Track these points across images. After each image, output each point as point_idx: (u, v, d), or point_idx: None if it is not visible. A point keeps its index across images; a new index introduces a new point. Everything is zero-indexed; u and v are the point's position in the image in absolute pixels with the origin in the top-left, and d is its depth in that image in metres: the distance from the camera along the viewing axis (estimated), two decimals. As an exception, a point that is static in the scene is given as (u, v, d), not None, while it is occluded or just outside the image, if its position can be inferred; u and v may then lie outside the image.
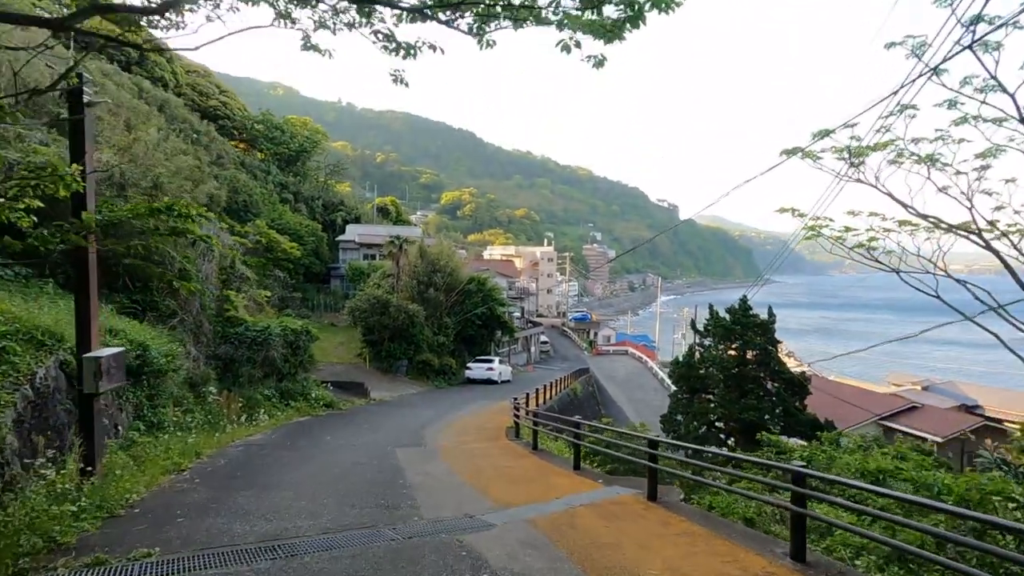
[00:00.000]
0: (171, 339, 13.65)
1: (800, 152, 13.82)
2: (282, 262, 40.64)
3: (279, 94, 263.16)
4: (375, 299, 28.88)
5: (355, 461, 10.24)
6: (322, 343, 33.98)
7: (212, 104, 62.44)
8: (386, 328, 29.07)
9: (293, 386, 17.35)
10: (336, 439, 12.80)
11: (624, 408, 49.41)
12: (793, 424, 22.82)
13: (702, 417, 24.85)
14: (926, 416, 38.95)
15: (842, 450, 11.74)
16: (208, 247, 17.59)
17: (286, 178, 61.00)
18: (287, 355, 17.47)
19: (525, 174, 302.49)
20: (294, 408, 16.43)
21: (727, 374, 23.89)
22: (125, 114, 28.48)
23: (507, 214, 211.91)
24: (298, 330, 17.97)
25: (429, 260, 33.92)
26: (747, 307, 25.04)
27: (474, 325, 34.59)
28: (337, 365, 28.92)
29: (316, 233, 50.48)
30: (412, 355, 29.80)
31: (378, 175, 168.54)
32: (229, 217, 40.85)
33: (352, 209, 66.81)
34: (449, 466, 9.93)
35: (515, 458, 10.67)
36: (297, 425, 14.74)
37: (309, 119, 73.76)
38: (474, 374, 31.81)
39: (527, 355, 57.49)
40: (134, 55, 51.44)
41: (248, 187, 46.59)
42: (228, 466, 9.41)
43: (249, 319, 17.29)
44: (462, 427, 15.89)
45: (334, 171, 73.26)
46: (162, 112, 44.50)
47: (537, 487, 8.12)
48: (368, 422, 15.94)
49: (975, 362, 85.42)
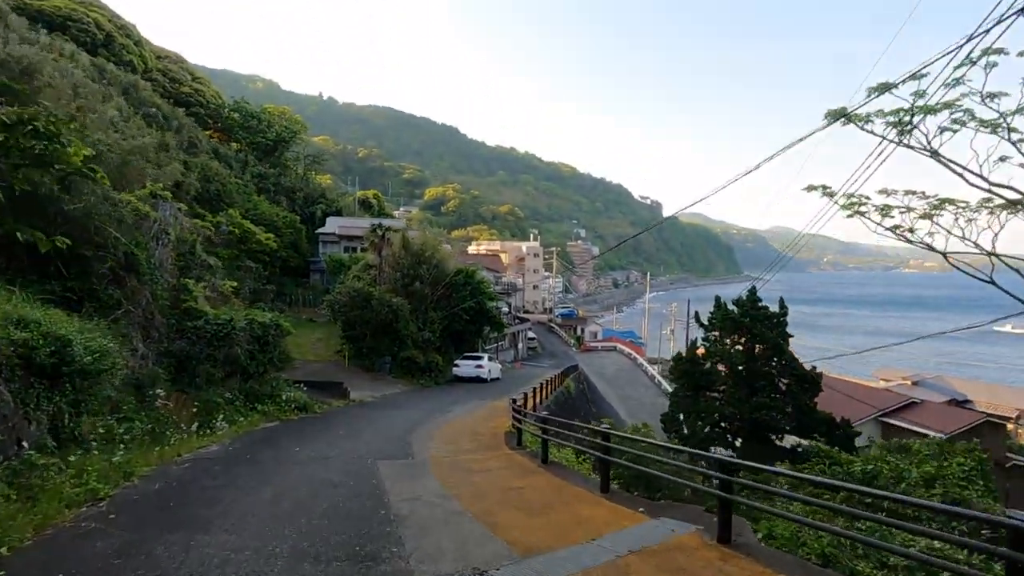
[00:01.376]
0: (111, 333, 11.57)
1: (844, 117, 12.13)
2: (257, 254, 38.44)
3: (258, 87, 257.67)
4: (356, 292, 26.78)
5: (326, 480, 8.30)
6: (299, 339, 31.81)
7: (184, 91, 59.79)
8: (368, 323, 27.01)
9: (261, 387, 15.28)
10: (306, 450, 10.83)
11: (615, 406, 47.98)
12: (807, 424, 21.28)
13: (708, 416, 23.21)
14: (926, 412, 37.88)
15: (909, 458, 10.08)
16: (163, 229, 15.50)
17: (264, 169, 58.40)
18: (254, 352, 15.40)
19: (509, 170, 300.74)
20: (261, 412, 14.38)
21: (736, 370, 22.29)
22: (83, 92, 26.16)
23: (491, 210, 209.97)
24: (267, 323, 15.90)
25: (414, 252, 31.87)
26: (756, 299, 23.44)
27: (462, 320, 32.61)
28: (315, 363, 26.85)
29: (294, 225, 48.13)
30: (396, 352, 27.76)
31: (360, 170, 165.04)
32: (201, 206, 38.59)
33: (333, 202, 64.45)
34: (443, 486, 8.04)
35: (523, 474, 8.80)
36: (263, 433, 12.71)
37: (287, 108, 71.01)
38: (462, 372, 29.87)
39: (514, 352, 55.77)
40: (100, 36, 48.79)
41: (221, 175, 44.09)
42: (163, 492, 7.42)
43: (210, 311, 15.20)
44: (454, 432, 13.99)
45: (314, 162, 70.66)
46: (127, 95, 41.95)
47: (562, 519, 6.26)
48: (346, 427, 13.96)
49: (948, 356, 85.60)
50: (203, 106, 60.54)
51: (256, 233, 39.28)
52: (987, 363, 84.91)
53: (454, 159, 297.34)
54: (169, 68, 61.95)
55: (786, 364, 22.10)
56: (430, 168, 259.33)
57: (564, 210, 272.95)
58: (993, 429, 37.67)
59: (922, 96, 10.78)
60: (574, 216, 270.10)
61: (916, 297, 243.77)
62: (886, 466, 9.23)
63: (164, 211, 15.97)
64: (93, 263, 12.80)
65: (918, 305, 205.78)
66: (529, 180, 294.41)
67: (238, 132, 60.84)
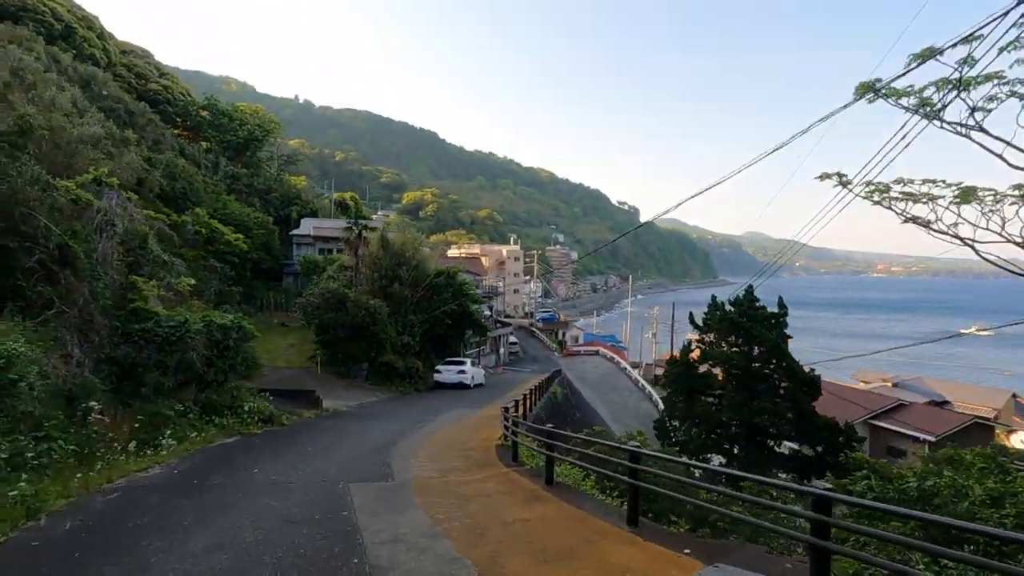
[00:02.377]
0: (38, 337, 9.86)
1: (874, 91, 10.98)
2: (225, 256, 36.44)
3: (232, 89, 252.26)
4: (330, 293, 25.04)
5: (285, 515, 6.73)
6: (269, 345, 29.90)
7: (151, 87, 57.37)
8: (343, 326, 25.27)
9: (219, 397, 13.55)
10: (267, 471, 9.21)
11: (599, 410, 46.85)
12: (808, 429, 20.19)
13: (704, 422, 22.01)
14: (914, 414, 37.37)
15: (965, 470, 8.83)
16: (108, 220, 13.72)
17: (235, 169, 56.12)
18: (212, 358, 13.67)
19: (488, 175, 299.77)
20: (219, 426, 12.66)
21: (733, 373, 21.13)
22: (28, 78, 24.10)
23: (470, 215, 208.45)
24: (227, 326, 14.18)
25: (393, 252, 30.22)
26: (753, 298, 22.36)
27: (443, 324, 31.01)
28: (285, 370, 25.03)
29: (267, 226, 45.98)
30: (373, 357, 26.05)
31: (337, 174, 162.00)
32: (166, 204, 36.61)
33: (308, 203, 62.33)
34: (431, 519, 6.54)
35: (527, 500, 7.31)
36: (218, 450, 11.02)
37: (260, 107, 68.65)
38: (444, 378, 28.26)
39: (496, 357, 54.30)
40: (58, 27, 46.35)
41: (188, 173, 41.87)
42: (72, 535, 5.79)
43: (163, 312, 13.45)
44: (439, 446, 12.45)
45: (288, 162, 68.36)
46: (87, 89, 39.64)
47: (589, 570, 4.81)
48: (316, 442, 12.32)
49: (916, 357, 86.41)
50: (171, 103, 58.14)
51: (225, 233, 37.25)
52: (955, 364, 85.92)
53: (433, 164, 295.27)
54: (135, 64, 59.48)
55: (786, 367, 21.02)
56: (408, 173, 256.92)
57: (543, 215, 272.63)
58: (981, 431, 37.28)
59: (970, 65, 9.65)
60: (553, 221, 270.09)
61: (885, 300, 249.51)
62: (942, 481, 7.98)
63: (110, 200, 14.18)
64: (18, 256, 11.05)
65: (887, 308, 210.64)
66: (508, 185, 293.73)
67: (208, 131, 58.50)
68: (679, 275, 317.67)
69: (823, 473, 21.16)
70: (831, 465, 20.66)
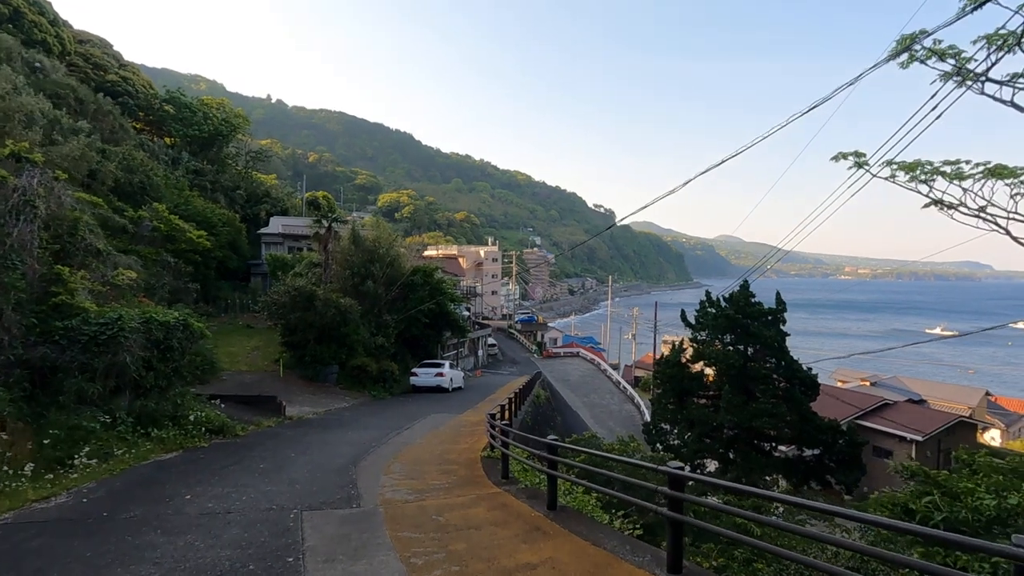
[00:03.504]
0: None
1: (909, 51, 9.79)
2: (187, 254, 34.19)
3: (201, 88, 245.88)
4: (297, 291, 23.11)
5: (210, 566, 5.04)
6: (232, 347, 27.80)
7: (110, 79, 54.54)
8: (311, 327, 23.38)
9: (159, 406, 11.65)
10: (203, 497, 7.46)
11: (581, 413, 45.65)
12: (809, 432, 19.02)
13: (699, 425, 20.70)
14: (901, 414, 36.72)
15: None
16: (27, 201, 11.78)
17: (200, 164, 53.52)
18: (151, 360, 11.79)
19: (464, 178, 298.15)
20: (156, 439, 10.79)
21: (730, 373, 19.87)
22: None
23: (446, 217, 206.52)
24: (171, 324, 12.30)
25: (365, 248, 28.39)
26: (749, 294, 21.16)
27: (419, 324, 29.27)
28: (248, 374, 23.05)
29: (233, 224, 43.63)
30: (344, 359, 24.19)
31: (311, 175, 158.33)
32: (122, 199, 34.31)
33: (279, 201, 59.95)
34: (405, 567, 4.93)
35: (527, 535, 5.69)
36: (149, 470, 9.17)
37: (227, 100, 65.87)
38: (420, 381, 26.50)
39: (474, 359, 52.68)
40: (5, 11, 43.55)
41: (147, 167, 39.37)
42: None
43: (92, 308, 11.56)
44: (416, 458, 10.78)
45: (256, 159, 65.64)
46: (33, 76, 37.07)
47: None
48: (271, 457, 10.55)
49: (886, 356, 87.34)
50: (131, 96, 55.31)
51: (187, 230, 34.95)
52: (921, 363, 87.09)
53: (409, 166, 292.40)
54: (92, 53, 56.52)
55: (785, 366, 19.84)
56: (384, 174, 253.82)
57: (520, 218, 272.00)
58: (965, 429, 36.88)
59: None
60: (530, 224, 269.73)
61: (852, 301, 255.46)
62: (1017, 496, 6.64)
63: (31, 179, 12.22)
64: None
65: (854, 308, 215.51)
66: (485, 187, 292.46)
67: (171, 125, 55.79)
68: (654, 278, 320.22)
69: (823, 477, 20.03)
70: (832, 469, 19.53)
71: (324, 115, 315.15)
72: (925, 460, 32.03)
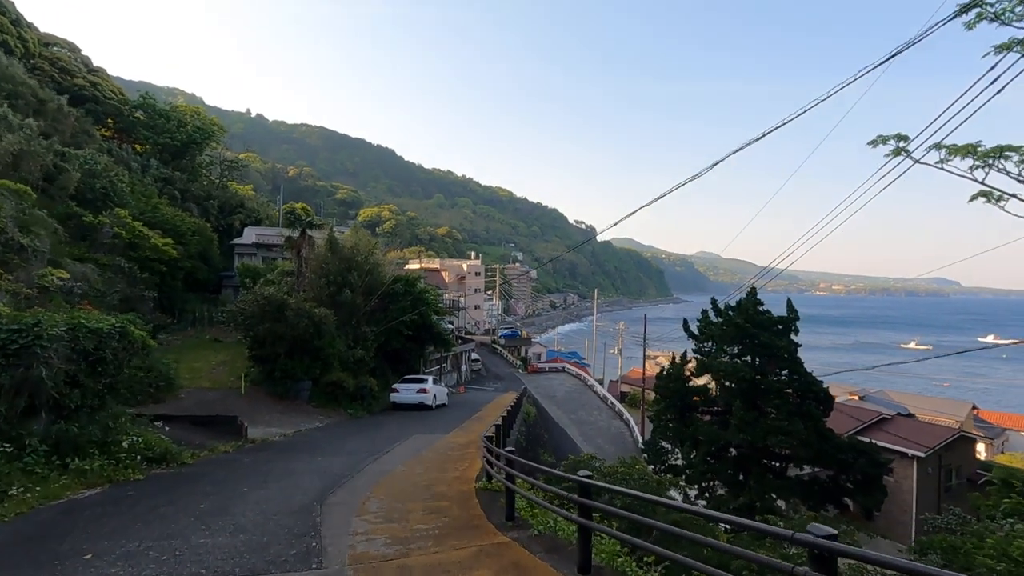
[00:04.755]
0: None
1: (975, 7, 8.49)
2: (151, 263, 31.99)
3: (179, 101, 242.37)
4: (266, 299, 21.06)
5: None
6: (196, 363, 25.57)
7: (78, 83, 52.15)
8: (282, 339, 21.33)
9: (84, 430, 9.61)
10: (103, 561, 5.47)
11: (569, 430, 43.82)
12: (828, 450, 17.45)
13: (704, 444, 19.02)
14: (897, 428, 35.61)
15: None
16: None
17: (171, 172, 51.20)
18: (77, 375, 9.79)
19: (446, 193, 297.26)
20: (75, 472, 8.75)
21: (740, 387, 18.25)
22: None
23: (428, 231, 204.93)
24: (104, 331, 10.31)
25: (343, 256, 26.49)
26: (757, 301, 19.68)
27: (400, 337, 27.34)
28: (210, 391, 20.90)
29: (204, 233, 41.42)
30: (318, 374, 22.13)
31: (290, 189, 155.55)
32: (82, 205, 32.20)
33: (254, 212, 57.73)
34: None
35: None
36: (51, 515, 7.12)
37: (201, 108, 63.66)
38: (402, 398, 24.49)
39: (457, 374, 50.70)
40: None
41: (111, 171, 37.10)
42: None
43: (5, 312, 9.56)
44: (397, 492, 8.89)
45: (231, 167, 63.32)
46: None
47: None
48: (217, 493, 8.56)
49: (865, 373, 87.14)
50: (99, 102, 52.96)
51: (151, 237, 32.71)
52: (896, 377, 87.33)
53: (390, 181, 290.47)
54: (59, 56, 54.12)
55: (799, 379, 18.30)
56: (365, 189, 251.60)
57: (502, 233, 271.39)
58: (964, 444, 35.78)
59: None
60: (511, 239, 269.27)
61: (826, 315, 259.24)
62: None
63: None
64: None
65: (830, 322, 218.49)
66: (467, 203, 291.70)
67: (142, 132, 53.46)
68: (635, 293, 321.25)
69: (839, 499, 18.47)
70: (849, 491, 17.99)
71: (305, 130, 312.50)
72: (927, 477, 30.77)
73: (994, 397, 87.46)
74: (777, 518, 14.19)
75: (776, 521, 13.44)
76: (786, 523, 12.83)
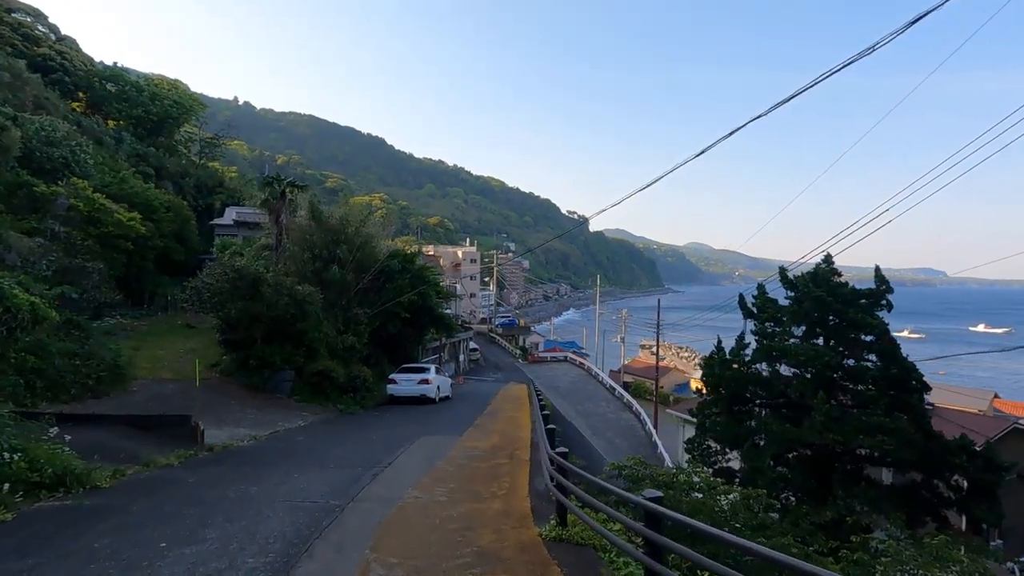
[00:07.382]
0: None
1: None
2: (115, 239, 28.32)
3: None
4: (237, 272, 17.40)
5: None
6: (160, 350, 21.84)
7: (42, 52, 47.96)
8: (257, 321, 17.74)
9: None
10: None
11: (575, 423, 40.48)
12: (937, 452, 14.11)
13: (775, 445, 15.61)
14: (941, 422, 32.73)
15: None
16: None
17: (145, 148, 47.19)
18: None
19: (438, 183, 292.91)
20: None
21: (825, 376, 14.85)
22: None
23: (420, 221, 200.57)
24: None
25: (331, 227, 22.87)
26: (833, 271, 16.26)
27: (397, 320, 23.79)
28: (171, 383, 17.28)
29: (180, 211, 37.59)
30: (302, 363, 18.54)
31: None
32: (36, 174, 28.63)
33: (235, 192, 53.72)
34: None
35: None
36: None
37: (180, 81, 59.42)
38: (401, 390, 20.97)
39: (456, 364, 47.33)
40: None
41: (71, 139, 33.16)
42: None
43: None
44: (418, 547, 5.37)
45: (211, 144, 59.20)
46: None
47: None
48: (111, 551, 5.04)
49: None
50: (68, 72, 48.80)
51: (115, 211, 28.90)
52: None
53: (381, 170, 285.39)
54: (22, 23, 49.78)
55: (901, 367, 14.82)
56: (356, 179, 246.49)
57: (494, 223, 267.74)
58: (1016, 437, 32.85)
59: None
60: (504, 230, 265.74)
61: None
62: None
63: None
64: None
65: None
66: (458, 193, 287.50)
67: (114, 105, 49.38)
68: (627, 283, 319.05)
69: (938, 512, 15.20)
70: (954, 502, 14.71)
71: (293, 118, 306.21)
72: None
73: (997, 386, 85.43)
74: (893, 541, 10.87)
75: (896, 548, 10.14)
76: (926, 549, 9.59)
